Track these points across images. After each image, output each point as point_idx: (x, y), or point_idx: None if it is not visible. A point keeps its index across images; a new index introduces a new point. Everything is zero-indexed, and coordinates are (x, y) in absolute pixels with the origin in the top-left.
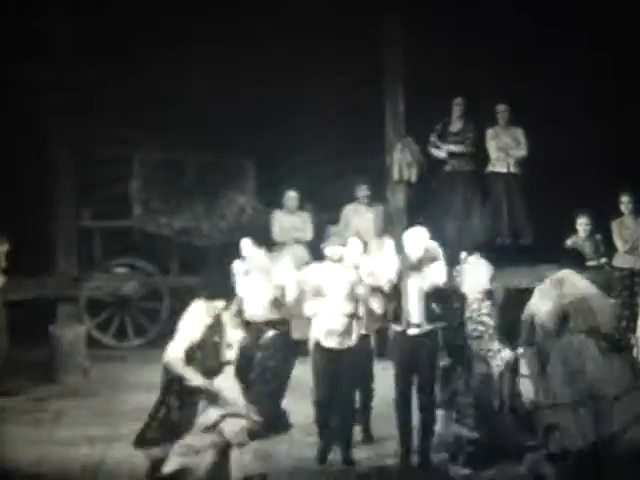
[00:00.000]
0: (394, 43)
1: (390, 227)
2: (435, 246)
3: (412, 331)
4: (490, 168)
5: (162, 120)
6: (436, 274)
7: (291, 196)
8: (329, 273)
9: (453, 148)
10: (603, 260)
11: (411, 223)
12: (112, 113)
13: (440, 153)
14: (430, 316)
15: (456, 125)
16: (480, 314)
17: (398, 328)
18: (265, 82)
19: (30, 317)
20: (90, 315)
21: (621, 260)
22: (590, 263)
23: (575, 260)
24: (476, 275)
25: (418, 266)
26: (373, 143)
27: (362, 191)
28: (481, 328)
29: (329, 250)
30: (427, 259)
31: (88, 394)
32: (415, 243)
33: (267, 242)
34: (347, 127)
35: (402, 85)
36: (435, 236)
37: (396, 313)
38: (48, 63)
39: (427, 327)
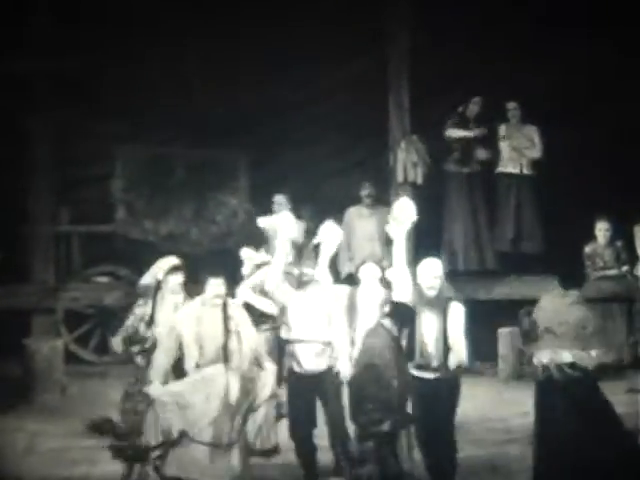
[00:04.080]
0: (398, 35)
1: None
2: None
3: (430, 375)
4: (500, 169)
5: (148, 114)
6: (456, 309)
7: (280, 201)
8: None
9: (481, 155)
10: (624, 269)
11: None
12: (94, 107)
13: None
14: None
15: (474, 126)
16: None
17: (413, 372)
18: (261, 75)
19: (2, 330)
20: (68, 328)
21: None
22: (610, 272)
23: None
24: None
25: (435, 302)
26: (376, 141)
27: (365, 189)
28: None
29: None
30: (444, 293)
31: (66, 413)
32: (431, 276)
33: None
34: (348, 124)
35: (407, 79)
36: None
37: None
38: (25, 54)
39: (447, 372)
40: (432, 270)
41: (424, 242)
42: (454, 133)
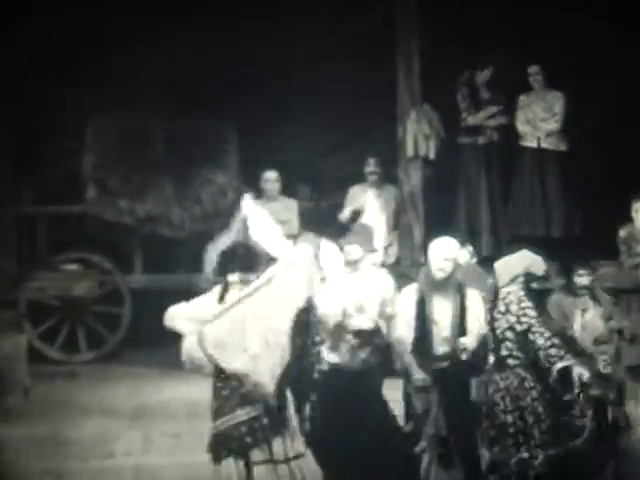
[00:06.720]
0: None
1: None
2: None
3: (438, 365)
4: (520, 142)
5: (123, 80)
6: (471, 298)
7: (270, 178)
8: None
9: (497, 120)
10: None
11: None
12: (61, 72)
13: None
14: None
15: (485, 92)
16: None
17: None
18: (252, 35)
19: None
20: (32, 323)
21: None
22: None
23: None
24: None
25: (445, 286)
26: (381, 110)
27: (369, 166)
28: None
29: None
30: (456, 277)
31: (29, 419)
32: (442, 257)
33: None
34: (350, 91)
35: (417, 38)
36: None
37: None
38: None
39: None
40: (443, 251)
41: (437, 224)
42: (473, 120)
